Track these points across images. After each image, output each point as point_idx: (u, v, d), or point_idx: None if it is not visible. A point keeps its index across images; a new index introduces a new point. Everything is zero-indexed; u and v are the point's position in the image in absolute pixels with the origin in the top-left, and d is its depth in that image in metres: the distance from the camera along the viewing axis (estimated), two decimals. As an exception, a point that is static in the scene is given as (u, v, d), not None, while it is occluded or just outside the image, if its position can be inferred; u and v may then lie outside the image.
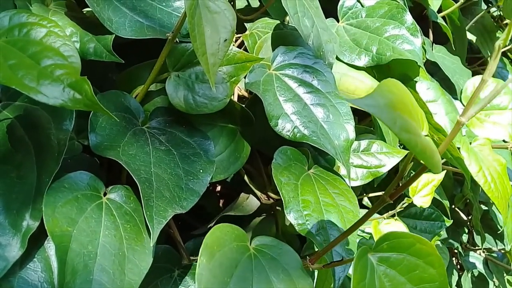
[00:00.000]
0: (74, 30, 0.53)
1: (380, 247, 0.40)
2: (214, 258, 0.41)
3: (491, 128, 0.77)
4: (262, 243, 0.46)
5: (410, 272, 0.39)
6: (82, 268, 0.41)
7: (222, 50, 0.48)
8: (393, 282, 0.39)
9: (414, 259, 0.39)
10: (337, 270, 0.48)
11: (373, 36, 0.71)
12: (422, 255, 0.39)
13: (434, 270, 0.39)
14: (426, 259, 0.39)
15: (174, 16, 0.57)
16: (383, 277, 0.39)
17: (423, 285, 0.39)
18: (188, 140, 0.55)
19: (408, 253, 0.39)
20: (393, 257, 0.39)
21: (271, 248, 0.46)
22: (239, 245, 0.44)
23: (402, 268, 0.39)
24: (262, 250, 0.45)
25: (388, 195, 0.41)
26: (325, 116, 0.57)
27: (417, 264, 0.39)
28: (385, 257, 0.39)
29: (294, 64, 0.61)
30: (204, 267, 0.40)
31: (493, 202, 0.63)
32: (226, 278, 0.40)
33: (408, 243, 0.39)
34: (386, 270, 0.39)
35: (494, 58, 0.34)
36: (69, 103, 0.38)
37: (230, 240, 0.43)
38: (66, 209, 0.42)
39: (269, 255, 0.45)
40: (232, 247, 0.43)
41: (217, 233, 0.43)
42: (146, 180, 0.46)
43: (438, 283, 0.39)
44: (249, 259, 0.43)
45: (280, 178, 0.52)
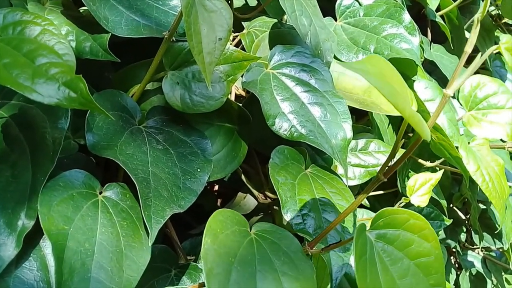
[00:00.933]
0: (70, 29, 0.53)
1: (377, 224, 0.40)
2: (218, 239, 0.41)
3: (488, 127, 0.76)
4: (262, 229, 0.46)
5: (406, 247, 0.40)
6: (79, 266, 0.40)
7: (219, 49, 0.47)
8: (391, 258, 0.40)
9: (409, 234, 0.40)
10: (334, 270, 0.48)
11: (370, 35, 0.71)
12: (416, 230, 0.40)
13: (429, 244, 0.40)
14: (420, 233, 0.40)
15: (170, 14, 0.56)
16: (382, 252, 0.40)
17: (419, 259, 0.40)
18: (185, 139, 0.55)
19: (403, 228, 0.40)
20: (389, 233, 0.40)
21: (271, 233, 0.46)
22: (241, 230, 0.44)
23: (398, 243, 0.40)
24: (263, 235, 0.45)
25: (382, 173, 0.41)
26: (322, 115, 0.57)
27: (412, 239, 0.40)
28: (382, 233, 0.40)
29: (291, 63, 0.60)
30: (209, 247, 0.40)
31: (491, 202, 0.63)
32: (231, 259, 0.40)
33: (402, 219, 0.40)
34: (384, 246, 0.40)
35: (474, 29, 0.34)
36: (64, 101, 0.37)
37: (232, 224, 0.43)
38: (62, 208, 0.42)
39: (270, 239, 0.45)
40: (234, 230, 0.43)
41: (219, 217, 0.43)
42: (144, 179, 0.46)
43: (433, 256, 0.39)
44: (250, 242, 0.43)
45: (277, 178, 0.52)
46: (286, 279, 0.41)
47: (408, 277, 0.39)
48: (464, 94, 0.79)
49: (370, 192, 0.44)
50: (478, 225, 1.04)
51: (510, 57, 0.34)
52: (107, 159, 0.48)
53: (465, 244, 1.20)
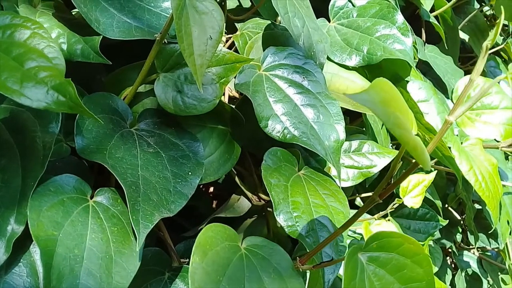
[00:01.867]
0: (61, 31, 0.53)
1: (370, 246, 0.40)
2: (207, 257, 0.41)
3: (482, 127, 0.76)
4: (253, 243, 0.46)
5: (398, 272, 0.40)
6: (68, 272, 0.40)
7: (210, 51, 0.47)
8: (382, 282, 0.39)
9: (403, 259, 0.39)
10: (327, 272, 0.48)
11: (364, 36, 0.71)
12: (410, 254, 0.39)
13: (422, 270, 0.39)
14: (413, 258, 0.39)
15: (162, 16, 0.56)
16: (373, 276, 0.40)
17: (410, 284, 0.39)
18: (177, 142, 0.54)
19: (397, 252, 0.40)
20: (382, 257, 0.40)
21: (262, 248, 0.46)
22: (231, 245, 0.44)
23: (390, 267, 0.40)
24: (253, 250, 0.45)
25: (377, 195, 0.41)
26: (315, 117, 0.57)
27: (405, 263, 0.39)
28: (374, 256, 0.40)
29: (284, 65, 0.60)
30: (197, 265, 0.40)
31: (484, 201, 0.63)
32: (219, 277, 0.40)
33: (396, 243, 0.40)
34: (375, 270, 0.40)
35: (482, 57, 0.34)
36: (53, 105, 0.37)
37: (222, 239, 0.43)
38: (52, 213, 0.42)
39: (260, 255, 0.45)
40: (224, 246, 0.43)
41: (209, 232, 0.43)
42: (133, 183, 0.46)
43: (425, 282, 0.39)
44: (240, 258, 0.43)
45: (270, 180, 0.52)
46: (275, 297, 0.41)
47: None
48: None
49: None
50: (473, 225, 1.04)
51: None
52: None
53: (461, 245, 1.21)
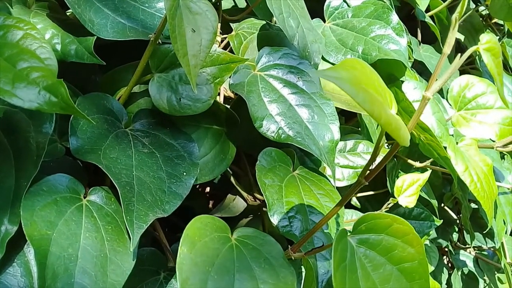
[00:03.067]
0: (55, 32, 0.53)
1: (359, 229, 0.40)
2: (195, 247, 0.40)
3: (477, 127, 0.77)
4: (243, 234, 0.46)
5: (389, 252, 0.39)
6: (63, 272, 0.40)
7: (204, 51, 0.47)
8: (373, 263, 0.39)
9: (393, 239, 0.39)
10: (320, 272, 0.48)
11: (359, 36, 0.71)
12: (400, 234, 0.39)
13: (413, 249, 0.39)
14: (404, 238, 0.39)
15: (157, 17, 0.56)
16: (363, 258, 0.39)
17: (402, 264, 0.39)
18: (172, 143, 0.54)
19: (386, 233, 0.39)
20: (372, 238, 0.40)
21: (253, 238, 0.45)
22: (221, 236, 0.43)
23: (381, 248, 0.39)
24: (244, 241, 0.45)
25: (363, 177, 0.41)
26: (310, 117, 0.57)
27: (396, 244, 0.39)
28: (364, 238, 0.40)
29: (279, 65, 0.60)
30: (185, 256, 0.39)
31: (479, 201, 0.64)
32: (207, 267, 0.40)
33: (385, 224, 0.39)
34: (366, 252, 0.39)
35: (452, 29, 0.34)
36: (45, 106, 0.37)
37: (211, 230, 0.43)
38: (45, 213, 0.42)
39: (251, 245, 0.44)
40: (213, 237, 0.42)
41: (198, 224, 0.42)
42: (127, 184, 0.46)
43: (417, 261, 0.39)
44: (230, 249, 0.43)
45: (264, 180, 0.52)
46: (265, 287, 0.41)
47: (391, 282, 0.39)
48: (453, 94, 0.79)
49: (353, 195, 0.44)
50: (469, 225, 1.04)
51: (489, 58, 0.34)
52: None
53: (457, 244, 1.21)
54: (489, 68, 0.34)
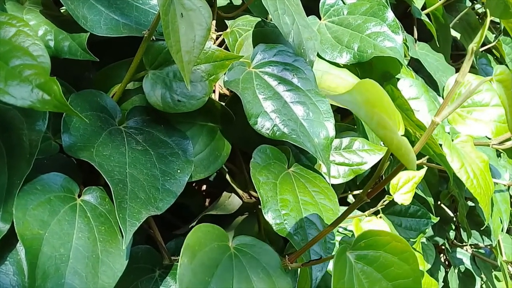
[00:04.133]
0: (48, 28, 0.52)
1: (358, 245, 0.41)
2: (196, 258, 0.41)
3: (473, 125, 0.77)
4: (242, 243, 0.46)
5: (386, 269, 0.40)
6: (53, 272, 0.40)
7: (198, 48, 0.47)
8: (370, 279, 0.40)
9: (390, 256, 0.40)
10: (314, 269, 0.48)
11: (354, 33, 0.71)
12: (397, 252, 0.40)
13: (409, 266, 0.40)
14: (400, 256, 0.40)
15: (151, 13, 0.56)
16: (361, 274, 0.40)
17: (398, 281, 0.40)
18: (166, 140, 0.54)
19: (384, 250, 0.40)
20: (370, 255, 0.41)
21: (251, 247, 0.46)
22: (220, 245, 0.44)
23: (378, 265, 0.40)
24: (242, 250, 0.45)
25: (365, 194, 0.41)
26: (305, 114, 0.57)
27: (393, 261, 0.40)
28: (362, 254, 0.41)
29: (274, 62, 0.60)
30: (185, 267, 0.40)
31: (476, 198, 0.63)
32: (207, 278, 0.40)
33: (384, 241, 0.40)
34: (363, 268, 0.40)
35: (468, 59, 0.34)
36: (38, 104, 0.37)
37: (211, 240, 0.43)
38: (38, 212, 0.41)
39: (249, 254, 0.45)
40: (213, 247, 0.43)
41: (198, 233, 0.43)
42: (120, 181, 0.46)
43: (412, 278, 0.40)
44: (229, 258, 0.43)
45: (259, 178, 0.52)
46: (263, 297, 0.41)
47: None
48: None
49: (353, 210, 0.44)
50: (466, 222, 1.04)
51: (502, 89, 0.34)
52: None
53: (454, 242, 1.21)
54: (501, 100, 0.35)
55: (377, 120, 0.29)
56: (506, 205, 0.91)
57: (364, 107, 0.29)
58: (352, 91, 0.29)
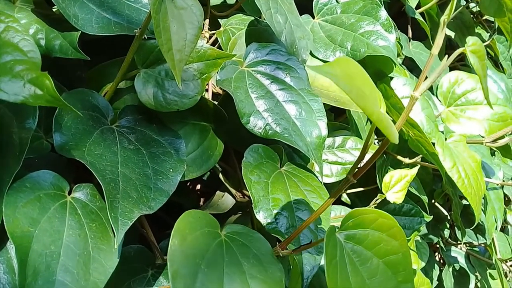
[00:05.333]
0: (39, 27, 0.52)
1: (346, 225, 0.41)
2: (186, 241, 0.40)
3: (467, 123, 0.77)
4: (233, 230, 0.46)
5: (375, 246, 0.41)
6: (44, 269, 0.40)
7: (189, 47, 0.47)
8: (361, 258, 0.40)
9: (378, 233, 0.40)
10: (305, 269, 0.48)
11: (347, 32, 0.71)
12: (385, 228, 0.40)
13: (397, 242, 0.40)
14: (388, 232, 0.40)
15: (143, 12, 0.56)
16: (351, 253, 0.40)
17: (388, 257, 0.40)
18: (159, 139, 0.54)
19: (372, 228, 0.41)
20: (358, 234, 0.41)
21: (242, 235, 0.45)
22: (211, 231, 0.43)
23: (367, 243, 0.41)
24: (233, 237, 0.45)
25: (351, 175, 0.41)
26: (297, 113, 0.57)
27: (381, 237, 0.40)
28: (351, 234, 0.41)
29: (266, 61, 0.60)
30: (176, 248, 0.39)
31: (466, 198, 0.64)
32: (197, 260, 0.40)
33: (371, 218, 0.41)
34: (353, 247, 0.41)
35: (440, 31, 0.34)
36: (30, 99, 0.37)
37: (202, 225, 0.43)
38: (28, 209, 0.41)
39: (240, 241, 0.44)
40: (204, 232, 0.42)
41: (189, 218, 0.42)
42: (112, 180, 0.46)
43: (401, 254, 0.40)
44: (220, 244, 0.43)
45: (250, 177, 0.52)
46: (254, 281, 0.41)
47: (377, 276, 0.40)
48: (443, 90, 0.79)
49: (343, 191, 0.44)
50: (460, 221, 1.04)
51: (476, 59, 0.34)
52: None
53: (448, 240, 1.21)
54: (475, 69, 0.35)
55: (356, 91, 0.30)
56: (500, 203, 0.91)
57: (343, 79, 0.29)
58: (333, 64, 0.30)
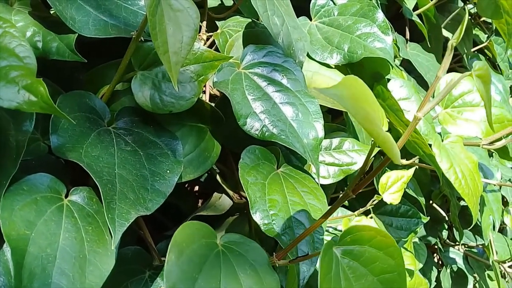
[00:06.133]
0: (36, 30, 0.52)
1: (344, 240, 0.41)
2: (183, 254, 0.40)
3: (464, 125, 0.77)
4: (230, 240, 0.46)
5: (371, 264, 0.41)
6: (40, 272, 0.40)
7: (185, 49, 0.47)
8: (356, 274, 0.40)
9: (375, 251, 0.41)
10: (302, 269, 0.48)
11: (344, 34, 0.71)
12: (382, 247, 0.40)
13: (393, 261, 0.40)
14: (386, 250, 0.40)
15: (139, 14, 0.56)
16: (347, 269, 0.41)
17: (383, 275, 0.41)
18: (156, 140, 0.54)
19: (370, 245, 0.41)
20: (356, 250, 0.41)
21: (239, 244, 0.46)
22: (208, 242, 0.43)
23: (364, 259, 0.41)
24: (230, 247, 0.45)
25: (351, 190, 0.41)
26: (294, 115, 0.57)
27: (378, 255, 0.41)
28: (348, 250, 0.41)
29: (263, 63, 0.60)
30: (173, 263, 0.39)
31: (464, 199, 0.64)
32: (194, 274, 0.40)
33: (369, 236, 0.41)
34: (349, 263, 0.41)
35: (448, 55, 0.35)
36: (24, 105, 0.37)
37: (199, 237, 0.43)
38: (24, 212, 0.41)
39: (237, 251, 0.45)
40: (201, 244, 0.43)
41: (187, 230, 0.43)
42: (109, 182, 0.46)
43: (397, 273, 0.40)
44: (217, 255, 0.43)
45: (247, 178, 0.52)
46: (250, 293, 0.41)
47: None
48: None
49: (340, 206, 0.44)
50: (458, 222, 1.05)
51: (480, 83, 0.35)
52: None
53: (446, 241, 1.21)
54: (480, 94, 0.35)
55: (363, 114, 0.30)
56: (498, 204, 0.91)
57: (350, 101, 0.30)
58: (339, 86, 0.30)
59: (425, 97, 0.36)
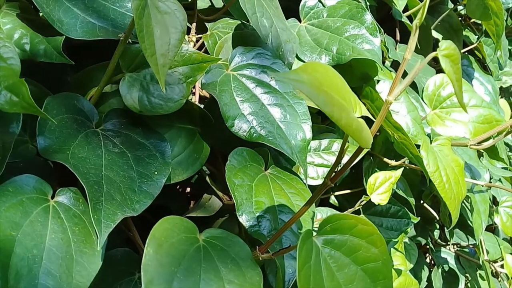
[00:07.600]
0: (24, 32, 0.52)
1: (324, 229, 0.40)
2: (162, 248, 0.40)
3: (452, 125, 0.78)
4: (212, 235, 0.46)
5: (354, 253, 0.40)
6: (26, 273, 0.40)
7: (173, 51, 0.47)
8: (338, 263, 0.40)
9: (357, 240, 0.40)
10: (287, 271, 0.48)
11: (333, 36, 0.71)
12: (364, 235, 0.40)
13: (377, 249, 0.40)
14: (368, 238, 0.40)
15: (128, 16, 0.56)
16: (328, 258, 0.40)
17: (366, 264, 0.40)
18: (144, 142, 0.54)
19: (351, 234, 0.40)
20: (337, 239, 0.40)
21: (221, 239, 0.45)
22: (188, 237, 0.43)
23: (346, 249, 0.40)
24: (212, 242, 0.45)
25: (329, 179, 0.41)
26: (282, 116, 0.58)
27: (360, 244, 0.40)
28: (329, 239, 0.40)
29: (252, 65, 0.61)
30: (151, 257, 0.39)
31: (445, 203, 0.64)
32: (173, 268, 0.39)
33: (350, 224, 0.40)
34: (331, 252, 0.40)
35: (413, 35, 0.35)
36: (6, 105, 0.37)
37: (179, 231, 0.42)
38: (10, 213, 0.42)
39: (219, 246, 0.44)
40: (181, 238, 0.42)
41: (165, 224, 0.42)
42: (96, 183, 0.46)
43: (381, 261, 0.39)
44: (198, 250, 0.43)
45: (234, 180, 0.52)
46: (231, 287, 0.41)
47: (355, 282, 0.39)
48: (428, 93, 0.80)
49: (320, 196, 0.44)
50: (448, 222, 1.05)
51: (448, 63, 0.35)
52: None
53: (437, 241, 1.22)
54: (447, 73, 0.35)
55: (324, 97, 0.29)
56: (485, 205, 0.92)
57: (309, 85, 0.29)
58: (298, 70, 0.30)
59: (394, 80, 0.36)
